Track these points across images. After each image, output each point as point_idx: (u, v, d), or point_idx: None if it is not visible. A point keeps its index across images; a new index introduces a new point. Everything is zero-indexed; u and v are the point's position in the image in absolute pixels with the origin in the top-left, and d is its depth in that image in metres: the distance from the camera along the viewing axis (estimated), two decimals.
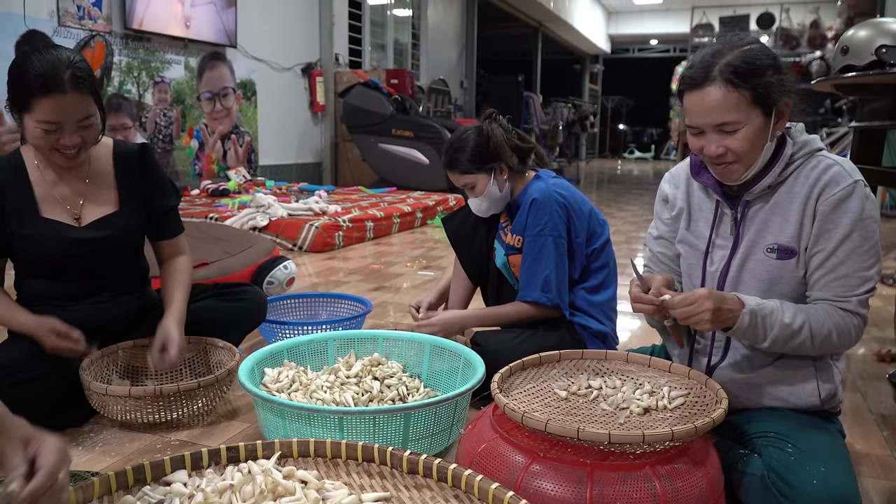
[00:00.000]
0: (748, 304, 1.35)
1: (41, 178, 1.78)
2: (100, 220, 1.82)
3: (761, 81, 1.32)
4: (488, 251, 2.22)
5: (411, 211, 5.75)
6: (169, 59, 6.30)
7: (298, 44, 8.08)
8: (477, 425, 1.41)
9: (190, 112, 6.60)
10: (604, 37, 19.74)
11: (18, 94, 1.64)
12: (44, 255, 1.76)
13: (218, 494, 1.02)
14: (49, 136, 1.66)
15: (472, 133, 2.07)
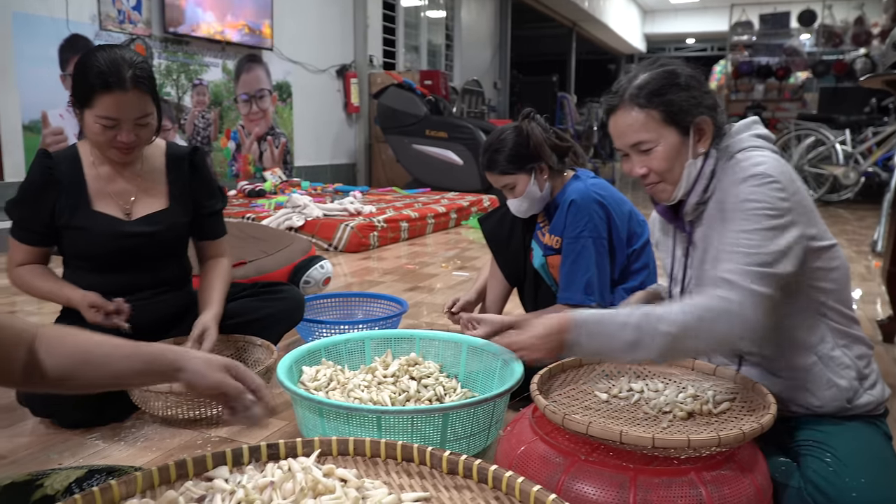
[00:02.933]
0: (577, 319, 1.30)
1: (96, 172, 1.84)
2: (149, 216, 1.87)
3: (666, 100, 1.35)
4: (525, 252, 2.20)
5: (445, 211, 5.75)
6: (207, 61, 6.39)
7: (333, 46, 8.14)
8: (516, 427, 1.40)
9: (227, 114, 6.69)
10: (639, 36, 19.53)
11: (81, 90, 1.71)
12: (93, 248, 1.80)
13: (258, 491, 1.01)
14: (107, 131, 1.71)
15: (511, 133, 2.05)
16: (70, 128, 5.10)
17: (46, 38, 4.93)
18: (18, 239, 1.80)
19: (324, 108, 8.10)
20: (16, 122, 4.78)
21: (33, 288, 1.80)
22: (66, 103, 5.07)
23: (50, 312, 2.85)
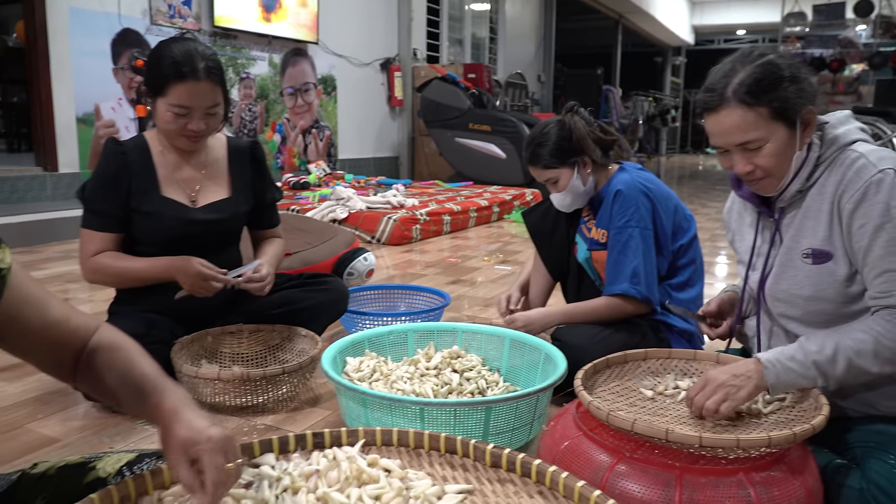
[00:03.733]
0: (763, 359, 1.30)
1: (164, 160, 1.90)
2: (213, 204, 1.93)
3: (777, 95, 1.29)
4: (569, 246, 2.18)
5: (488, 205, 5.74)
6: (254, 55, 6.48)
7: (378, 39, 8.17)
8: (559, 422, 1.39)
9: (273, 107, 6.77)
10: (687, 28, 19.15)
11: (155, 79, 1.78)
12: (160, 232, 1.86)
13: (304, 479, 1.03)
14: (179, 119, 1.78)
15: (554, 127, 2.03)
16: (121, 120, 5.23)
17: (99, 33, 5.06)
18: (94, 227, 1.84)
19: (367, 102, 8.14)
20: (70, 115, 4.92)
21: (117, 268, 1.82)
22: (117, 96, 5.21)
23: (101, 300, 2.93)
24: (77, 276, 3.44)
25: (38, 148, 4.94)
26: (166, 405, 0.90)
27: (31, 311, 0.94)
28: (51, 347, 0.97)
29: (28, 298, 0.94)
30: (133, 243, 1.88)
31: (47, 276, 3.48)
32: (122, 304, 1.94)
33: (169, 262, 1.79)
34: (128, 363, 0.97)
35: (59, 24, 4.78)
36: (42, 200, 4.78)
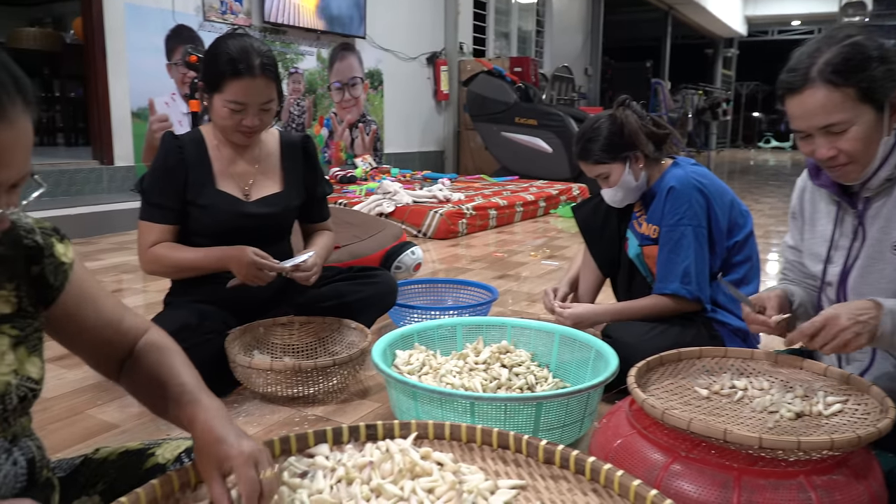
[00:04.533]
0: (886, 305, 1.22)
1: (219, 154, 1.93)
2: (266, 198, 1.96)
3: (865, 76, 1.23)
4: (620, 241, 2.15)
5: (534, 200, 5.70)
6: (303, 50, 6.55)
7: (424, 33, 8.18)
8: (612, 419, 1.37)
9: (321, 101, 6.84)
10: (740, 19, 18.69)
11: (212, 75, 1.81)
12: (214, 225, 1.89)
13: (358, 470, 1.04)
14: (234, 115, 1.81)
15: (605, 121, 2.00)
16: (174, 115, 5.34)
17: (154, 29, 5.18)
18: (153, 219, 1.88)
19: (414, 96, 8.17)
20: (125, 110, 5.05)
21: (173, 259, 1.86)
22: (170, 91, 5.32)
23: (155, 291, 3.00)
24: (131, 268, 3.53)
25: (95, 142, 5.09)
26: (201, 417, 0.91)
27: (88, 308, 0.97)
28: (102, 345, 1.00)
29: (86, 295, 0.97)
30: (189, 235, 1.91)
31: (103, 266, 3.58)
32: (176, 295, 1.98)
33: (223, 252, 1.82)
34: (170, 370, 0.98)
35: (115, 21, 4.91)
36: (98, 193, 4.92)
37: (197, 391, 0.95)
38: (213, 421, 0.90)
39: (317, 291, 2.01)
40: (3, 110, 0.70)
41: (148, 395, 1.00)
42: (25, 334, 0.88)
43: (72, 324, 0.96)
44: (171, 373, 0.97)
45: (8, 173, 0.72)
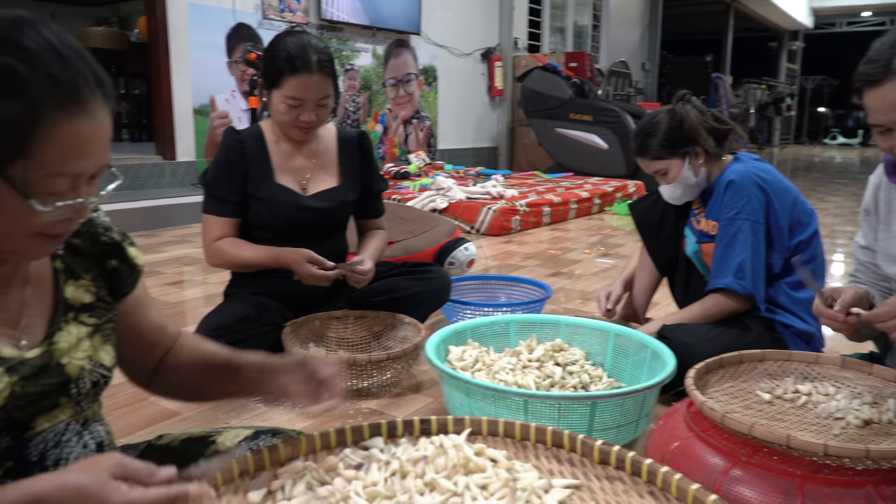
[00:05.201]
0: None
1: (278, 149, 1.98)
2: (323, 192, 1.99)
3: None
4: (678, 239, 2.11)
5: (589, 197, 5.63)
6: (359, 47, 6.62)
7: (478, 29, 8.16)
8: (669, 421, 1.35)
9: (375, 98, 6.90)
10: (805, 10, 18.06)
11: (271, 72, 1.85)
12: (273, 218, 1.93)
13: (412, 464, 1.04)
14: (292, 111, 1.85)
15: (665, 116, 1.96)
16: (234, 111, 5.46)
17: (215, 27, 5.30)
18: (215, 213, 1.93)
19: (467, 92, 8.16)
20: (187, 106, 5.19)
21: (235, 256, 1.90)
22: (230, 88, 5.44)
23: (214, 283, 3.08)
24: (192, 260, 3.63)
25: (158, 137, 5.25)
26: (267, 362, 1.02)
27: (143, 312, 1.02)
28: (145, 348, 1.05)
29: (144, 299, 1.03)
30: (249, 227, 1.96)
31: (165, 258, 3.68)
32: (236, 288, 2.02)
33: (281, 253, 1.85)
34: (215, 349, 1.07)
35: (178, 20, 5.04)
36: (161, 187, 5.08)
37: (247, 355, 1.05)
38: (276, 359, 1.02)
39: (371, 286, 2.03)
40: (85, 104, 0.73)
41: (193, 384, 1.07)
42: (101, 323, 0.93)
43: (129, 323, 1.00)
44: (217, 349, 1.07)
45: (87, 164, 0.76)
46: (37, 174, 0.72)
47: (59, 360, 0.86)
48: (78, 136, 0.73)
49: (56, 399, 0.85)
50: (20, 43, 0.70)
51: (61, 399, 0.86)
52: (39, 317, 0.87)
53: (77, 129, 0.73)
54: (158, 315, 1.05)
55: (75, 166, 0.75)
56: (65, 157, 0.73)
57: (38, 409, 0.83)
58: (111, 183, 0.84)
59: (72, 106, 0.72)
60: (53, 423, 0.86)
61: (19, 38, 0.70)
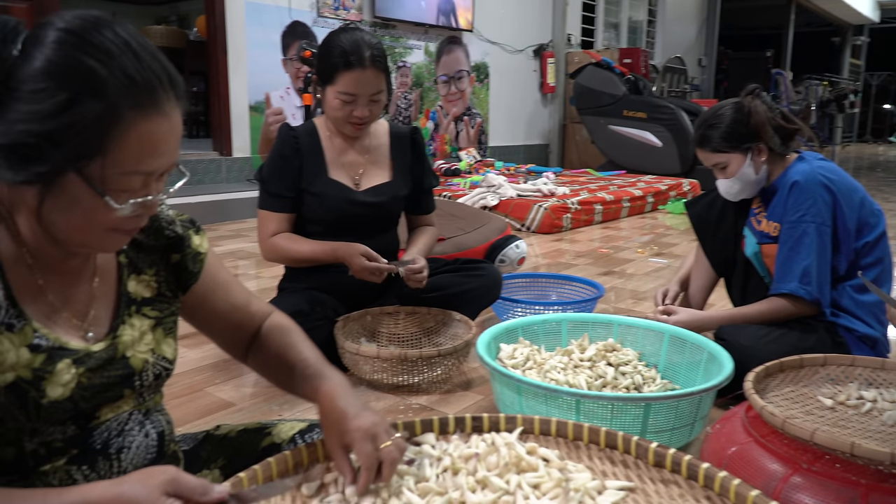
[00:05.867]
0: None
1: (331, 145, 2.00)
2: (375, 187, 2.01)
3: None
4: (736, 239, 2.06)
5: (642, 195, 5.54)
6: (411, 44, 6.64)
7: (531, 25, 8.11)
8: (726, 425, 1.32)
9: (427, 95, 6.92)
10: (870, 4, 17.38)
11: (325, 68, 1.88)
12: (326, 213, 1.96)
13: (464, 461, 1.04)
14: (345, 106, 1.88)
15: (730, 109, 1.92)
16: (288, 108, 5.55)
17: (271, 25, 5.39)
18: (271, 208, 1.97)
19: (519, 89, 8.11)
20: (244, 103, 5.29)
21: (291, 251, 1.94)
22: (285, 85, 5.53)
23: (268, 277, 3.14)
24: (247, 254, 3.70)
25: (216, 133, 5.36)
26: (324, 391, 0.96)
27: (220, 294, 1.03)
28: (232, 328, 1.06)
29: (218, 282, 1.03)
30: (303, 222, 1.99)
31: (221, 252, 3.77)
32: (290, 282, 2.05)
33: (336, 248, 1.87)
34: (293, 348, 1.04)
35: (236, 18, 5.14)
36: (217, 182, 5.19)
37: (320, 366, 1.01)
38: (335, 394, 0.95)
39: None
40: (160, 104, 0.75)
41: (275, 373, 1.06)
42: (163, 317, 0.95)
43: (205, 309, 1.03)
44: (295, 350, 1.03)
45: (160, 163, 0.78)
46: (112, 172, 0.74)
47: (124, 352, 0.89)
48: (152, 135, 0.75)
49: (120, 391, 0.88)
50: (100, 44, 0.72)
51: (125, 391, 0.88)
52: (105, 310, 0.89)
53: (152, 129, 0.75)
54: (239, 297, 1.06)
55: (149, 165, 0.76)
56: (139, 156, 0.75)
57: (102, 399, 0.86)
58: (179, 180, 0.86)
59: (148, 106, 0.74)
60: (117, 412, 0.89)
61: (99, 38, 0.72)
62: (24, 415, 0.78)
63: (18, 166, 0.73)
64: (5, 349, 0.76)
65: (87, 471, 0.85)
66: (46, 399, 0.79)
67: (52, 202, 0.75)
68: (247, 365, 1.11)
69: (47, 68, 0.71)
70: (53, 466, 0.82)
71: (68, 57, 0.71)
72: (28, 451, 0.80)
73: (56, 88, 0.70)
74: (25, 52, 0.72)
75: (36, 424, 0.79)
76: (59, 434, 0.82)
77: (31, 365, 0.78)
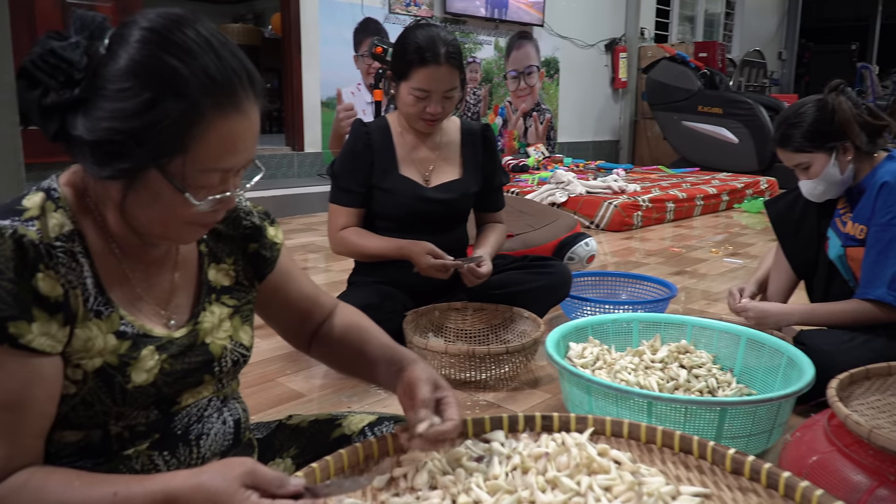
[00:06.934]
0: None
1: (402, 141, 2.02)
2: (445, 184, 2.02)
3: None
4: (819, 240, 1.97)
5: (716, 193, 5.38)
6: (481, 39, 6.63)
7: (603, 20, 7.97)
8: (807, 434, 1.26)
9: (496, 90, 6.89)
10: None
11: (400, 64, 1.90)
12: (396, 209, 1.98)
13: (533, 460, 1.03)
14: (419, 103, 1.89)
15: (812, 106, 1.83)
16: (359, 104, 5.62)
17: (344, 22, 5.47)
18: (341, 203, 2.00)
19: (590, 84, 8.00)
20: (316, 99, 5.39)
21: (360, 245, 1.97)
22: (356, 81, 5.60)
23: (337, 270, 3.19)
24: (317, 248, 3.77)
25: (288, 129, 5.48)
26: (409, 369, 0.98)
27: (291, 285, 1.06)
28: (298, 318, 1.09)
29: (290, 273, 1.06)
30: (373, 217, 2.01)
31: (292, 245, 3.85)
32: (359, 276, 2.08)
33: (403, 245, 1.89)
34: (370, 335, 1.06)
35: (310, 16, 5.24)
36: (289, 177, 5.30)
37: (402, 351, 1.03)
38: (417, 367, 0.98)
39: (491, 279, 2.03)
40: (239, 102, 0.77)
41: (347, 360, 1.08)
42: (241, 305, 0.98)
43: (277, 298, 1.05)
44: (372, 336, 1.06)
45: (238, 160, 0.80)
46: (192, 169, 0.76)
47: (204, 339, 0.91)
48: (232, 133, 0.77)
49: (200, 376, 0.91)
50: (182, 43, 0.74)
51: (205, 376, 0.91)
52: (186, 298, 0.93)
53: (231, 127, 0.76)
54: (309, 287, 1.09)
55: (227, 162, 0.78)
56: (219, 153, 0.77)
57: (184, 385, 0.89)
58: (255, 175, 0.88)
59: (227, 105, 0.76)
60: (197, 398, 0.92)
61: (181, 37, 0.74)
62: (110, 399, 0.81)
63: (103, 162, 0.75)
64: (94, 335, 0.80)
65: (167, 456, 0.88)
66: (131, 384, 0.82)
67: (135, 197, 0.78)
68: (309, 354, 1.13)
69: (131, 67, 0.73)
70: (136, 451, 0.86)
71: (152, 56, 0.73)
72: (113, 434, 0.84)
73: (140, 88, 0.72)
74: (111, 51, 0.74)
75: (121, 408, 0.82)
76: (143, 418, 0.85)
77: (117, 351, 0.82)
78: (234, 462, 0.76)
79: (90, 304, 0.80)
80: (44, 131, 0.77)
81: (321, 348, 1.11)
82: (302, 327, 1.10)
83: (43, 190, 0.81)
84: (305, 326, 1.10)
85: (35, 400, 0.75)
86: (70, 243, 0.79)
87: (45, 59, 0.74)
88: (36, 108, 0.75)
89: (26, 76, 0.75)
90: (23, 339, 0.73)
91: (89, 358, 0.80)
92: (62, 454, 0.82)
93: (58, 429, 0.81)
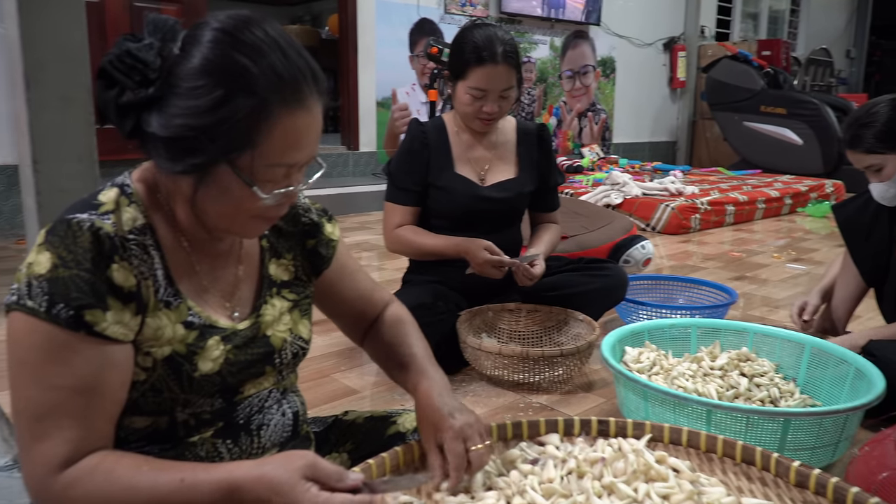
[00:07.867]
0: None
1: (458, 140, 2.02)
2: (501, 183, 2.01)
3: None
4: (890, 246, 1.89)
5: (779, 196, 5.22)
6: (536, 39, 6.59)
7: (662, 18, 7.83)
8: (877, 449, 1.21)
9: (551, 90, 6.84)
10: None
11: (457, 63, 1.91)
12: (451, 207, 1.98)
13: (589, 464, 1.02)
14: (475, 102, 1.89)
15: (886, 106, 1.76)
16: (413, 104, 5.65)
17: (399, 23, 5.50)
18: (397, 201, 2.01)
19: (647, 84, 7.86)
20: (371, 99, 5.44)
21: (415, 243, 1.98)
22: (411, 82, 5.63)
23: (392, 269, 3.21)
24: (371, 246, 3.81)
25: (344, 129, 5.55)
26: (423, 387, 0.99)
27: (347, 281, 1.09)
28: (355, 313, 1.11)
29: (347, 269, 1.09)
30: (428, 216, 2.01)
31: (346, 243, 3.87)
32: (414, 274, 2.09)
33: (460, 243, 1.88)
34: (404, 339, 1.08)
35: (367, 17, 5.29)
36: (345, 176, 5.37)
37: (424, 362, 1.04)
38: (433, 392, 0.97)
39: (544, 281, 2.01)
40: (304, 99, 0.79)
41: (385, 360, 1.10)
42: (299, 299, 1.00)
43: (333, 294, 1.08)
44: (406, 342, 1.07)
45: (302, 155, 0.81)
46: (260, 164, 0.78)
47: (265, 331, 0.94)
48: (297, 129, 0.79)
49: (262, 367, 0.93)
50: (251, 42, 0.76)
51: (266, 368, 0.93)
52: (248, 291, 0.95)
53: (296, 123, 0.78)
54: (364, 283, 1.11)
55: (292, 157, 0.80)
56: (284, 148, 0.79)
57: (246, 375, 0.91)
58: (316, 171, 0.90)
59: (293, 102, 0.78)
60: (258, 389, 0.94)
61: (250, 37, 0.77)
62: (178, 386, 0.84)
63: (177, 157, 0.78)
64: (163, 324, 0.83)
65: (230, 445, 0.90)
66: (198, 372, 0.85)
67: (205, 191, 0.80)
68: (363, 349, 1.15)
69: (204, 66, 0.75)
70: (201, 438, 0.88)
71: (223, 55, 0.75)
72: (180, 420, 0.86)
73: (212, 85, 0.75)
74: (185, 51, 0.77)
75: (188, 395, 0.85)
76: (208, 406, 0.88)
77: (185, 340, 0.84)
78: (296, 455, 0.77)
79: (160, 295, 0.83)
80: (120, 129, 0.79)
81: (370, 343, 1.13)
82: (357, 322, 1.13)
83: (117, 185, 0.84)
84: (360, 322, 1.12)
85: (108, 385, 0.78)
86: (142, 236, 0.82)
87: (122, 60, 0.76)
88: (113, 107, 0.78)
89: (104, 76, 0.78)
90: (98, 327, 0.76)
91: (159, 346, 0.82)
92: (131, 439, 0.85)
93: (127, 414, 0.84)
